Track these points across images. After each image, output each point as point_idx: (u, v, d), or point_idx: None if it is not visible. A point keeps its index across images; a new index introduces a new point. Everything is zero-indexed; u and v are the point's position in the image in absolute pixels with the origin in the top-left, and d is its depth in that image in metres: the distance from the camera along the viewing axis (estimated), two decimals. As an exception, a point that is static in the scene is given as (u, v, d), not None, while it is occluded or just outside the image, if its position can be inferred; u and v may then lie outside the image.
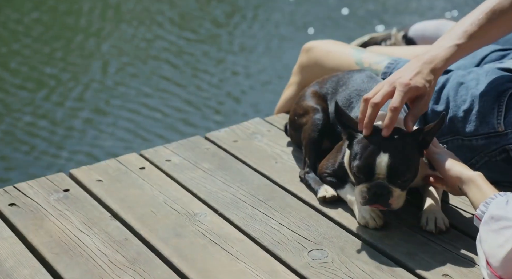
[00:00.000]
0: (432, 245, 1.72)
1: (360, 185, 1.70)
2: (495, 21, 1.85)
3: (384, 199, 1.68)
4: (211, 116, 4.23)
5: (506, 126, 1.90)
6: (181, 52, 5.05)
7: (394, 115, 1.69)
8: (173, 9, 5.75)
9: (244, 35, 5.33)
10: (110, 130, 4.05)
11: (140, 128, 4.07)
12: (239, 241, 1.76)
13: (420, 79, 1.73)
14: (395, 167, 1.66)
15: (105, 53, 5.00)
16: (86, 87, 4.53)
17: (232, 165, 2.10)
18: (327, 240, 1.75)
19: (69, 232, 1.78)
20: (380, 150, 1.67)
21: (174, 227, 1.80)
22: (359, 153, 1.69)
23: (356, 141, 1.71)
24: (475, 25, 1.84)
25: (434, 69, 1.77)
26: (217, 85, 4.61)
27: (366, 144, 1.69)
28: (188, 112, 4.27)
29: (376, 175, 1.67)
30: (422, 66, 1.76)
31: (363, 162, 1.68)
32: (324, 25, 5.41)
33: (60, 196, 1.94)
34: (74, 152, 3.80)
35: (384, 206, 1.70)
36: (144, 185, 1.99)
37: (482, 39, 1.86)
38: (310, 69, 2.38)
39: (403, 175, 1.68)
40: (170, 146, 2.22)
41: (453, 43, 1.81)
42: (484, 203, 1.61)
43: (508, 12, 1.87)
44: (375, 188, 1.68)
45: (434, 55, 1.79)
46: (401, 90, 1.71)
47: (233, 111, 4.29)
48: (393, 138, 1.69)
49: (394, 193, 1.68)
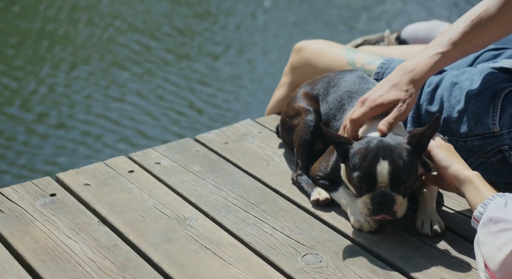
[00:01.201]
0: (428, 248, 1.69)
1: (363, 197, 1.66)
2: (479, 29, 1.82)
3: (388, 208, 1.65)
4: (198, 118, 4.19)
5: (501, 127, 1.87)
6: (169, 51, 5.01)
7: (352, 127, 1.74)
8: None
9: (227, 36, 5.29)
10: (97, 132, 4.00)
11: (127, 130, 4.02)
12: (231, 245, 1.71)
13: (395, 92, 1.74)
14: (397, 174, 1.63)
15: (88, 53, 4.94)
16: (71, 88, 4.48)
17: (223, 168, 2.06)
18: (321, 244, 1.72)
19: (56, 238, 1.73)
20: (379, 158, 1.63)
21: (165, 232, 1.76)
22: (358, 163, 1.65)
23: (353, 152, 1.67)
24: (459, 33, 1.81)
25: (413, 79, 1.76)
26: (203, 87, 4.57)
27: (364, 154, 1.65)
28: (175, 114, 4.23)
29: (379, 184, 1.64)
30: (401, 76, 1.76)
31: (363, 172, 1.64)
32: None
33: (47, 201, 1.89)
34: (60, 155, 3.75)
35: (389, 215, 1.66)
36: (133, 189, 1.95)
37: (466, 47, 1.83)
38: (302, 69, 2.34)
39: (405, 182, 1.65)
40: (160, 148, 2.17)
41: (437, 51, 1.79)
42: (482, 204, 1.58)
43: (493, 21, 1.84)
44: (379, 197, 1.64)
45: (416, 63, 1.78)
46: (368, 105, 1.74)
47: (221, 113, 4.26)
48: (390, 145, 1.66)
49: (397, 200, 1.65)
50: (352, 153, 1.67)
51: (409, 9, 5.64)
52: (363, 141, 1.68)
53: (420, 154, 1.69)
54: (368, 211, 1.66)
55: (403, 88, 1.75)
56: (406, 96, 1.74)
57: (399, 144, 1.66)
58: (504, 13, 1.83)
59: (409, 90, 1.75)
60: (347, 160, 1.69)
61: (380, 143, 1.66)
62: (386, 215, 1.67)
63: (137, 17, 5.51)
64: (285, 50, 4.77)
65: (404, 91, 1.74)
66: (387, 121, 1.73)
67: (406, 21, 5.05)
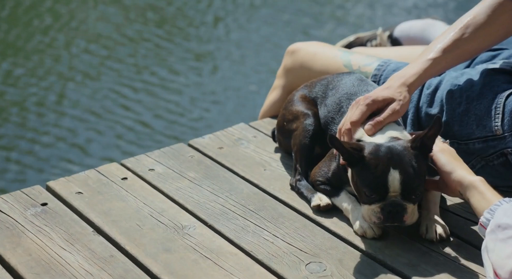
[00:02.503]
0: (433, 255, 1.65)
1: (372, 205, 1.62)
2: (469, 36, 1.84)
3: (399, 217, 1.61)
4: (189, 123, 4.13)
5: (504, 129, 1.84)
6: (158, 54, 4.94)
7: (352, 129, 1.74)
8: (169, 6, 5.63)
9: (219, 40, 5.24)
10: (88, 139, 3.91)
11: (118, 137, 3.95)
12: (232, 255, 1.66)
13: (388, 92, 1.76)
14: (408, 183, 1.60)
15: (83, 58, 4.86)
16: (61, 95, 4.39)
17: (219, 174, 2.01)
18: (324, 252, 1.67)
19: (50, 249, 1.67)
20: (390, 167, 1.59)
21: (162, 241, 1.70)
22: (368, 173, 1.61)
23: (362, 161, 1.62)
24: (449, 40, 1.84)
25: (404, 83, 1.78)
26: (193, 92, 4.52)
27: (374, 164, 1.61)
28: (165, 120, 4.16)
29: (390, 193, 1.60)
30: (392, 81, 1.79)
31: (374, 182, 1.60)
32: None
33: (38, 210, 1.82)
34: (50, 162, 3.65)
35: (399, 223, 1.63)
36: (127, 197, 1.88)
37: (456, 53, 1.85)
38: (296, 72, 2.30)
39: (416, 190, 1.61)
40: (153, 154, 2.11)
41: (427, 58, 1.82)
42: (489, 210, 1.54)
43: (483, 28, 1.85)
44: (390, 207, 1.60)
45: (407, 71, 1.81)
46: (362, 104, 1.75)
47: (213, 117, 4.20)
48: (398, 153, 1.62)
49: (408, 209, 1.61)
50: (362, 162, 1.62)
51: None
52: (371, 150, 1.63)
53: (426, 156, 1.66)
54: (378, 220, 1.62)
55: (396, 90, 1.77)
56: (400, 97, 1.76)
57: (406, 150, 1.62)
58: (493, 22, 1.85)
59: (402, 92, 1.77)
60: (355, 166, 1.64)
61: (389, 151, 1.61)
62: (397, 223, 1.63)
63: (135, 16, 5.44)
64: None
65: (398, 93, 1.76)
66: (376, 121, 1.73)
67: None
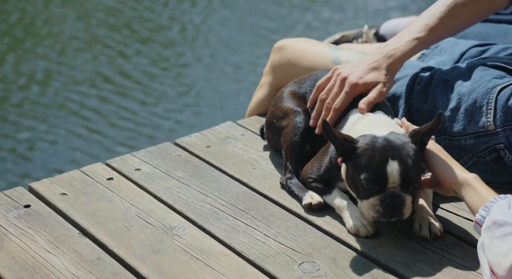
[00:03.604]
0: (428, 253, 1.62)
1: (371, 199, 1.58)
2: (455, 14, 1.87)
3: (398, 210, 1.58)
4: (173, 121, 4.08)
5: (496, 125, 1.82)
6: (138, 54, 4.89)
7: (335, 115, 1.80)
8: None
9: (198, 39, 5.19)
10: (69, 138, 3.84)
11: (102, 136, 3.88)
12: (223, 255, 1.62)
13: (374, 75, 1.81)
14: (407, 174, 1.57)
15: (66, 55, 4.79)
16: (41, 93, 4.31)
17: (208, 173, 1.96)
18: (317, 251, 1.63)
19: (34, 252, 1.62)
20: (388, 158, 1.56)
21: (151, 242, 1.66)
22: (366, 164, 1.57)
23: (358, 152, 1.59)
24: (435, 18, 1.87)
25: (392, 64, 1.83)
26: (177, 91, 4.47)
27: (371, 154, 1.57)
28: (148, 118, 4.11)
29: (389, 184, 1.57)
30: (380, 60, 1.83)
31: (373, 173, 1.56)
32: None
33: (21, 212, 1.77)
34: (31, 163, 3.58)
35: (399, 217, 1.59)
36: (113, 198, 1.83)
37: (442, 31, 1.89)
38: (283, 68, 2.26)
39: (414, 181, 1.59)
40: (138, 154, 2.06)
41: (414, 37, 1.85)
42: (484, 207, 1.52)
43: (469, 5, 1.88)
44: (390, 198, 1.57)
45: (395, 48, 1.83)
46: (347, 91, 1.79)
47: (198, 115, 4.16)
48: (396, 144, 1.59)
49: (407, 201, 1.58)
50: (358, 153, 1.59)
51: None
52: (367, 140, 1.60)
53: (422, 151, 1.63)
54: (377, 214, 1.59)
55: (382, 72, 1.81)
56: (386, 79, 1.80)
57: (404, 143, 1.60)
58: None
59: (387, 75, 1.81)
60: (350, 160, 1.61)
61: (386, 142, 1.59)
62: (396, 217, 1.60)
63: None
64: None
65: (384, 75, 1.81)
66: (368, 100, 1.77)
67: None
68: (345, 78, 1.81)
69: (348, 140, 1.60)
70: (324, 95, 1.84)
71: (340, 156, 1.62)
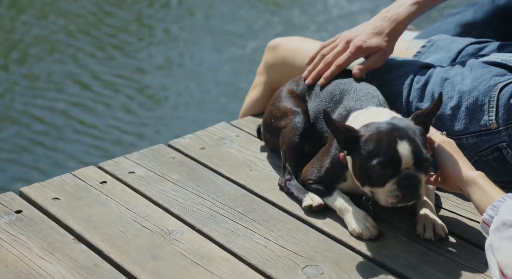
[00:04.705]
0: (433, 254, 1.59)
1: (387, 185, 1.55)
2: None
3: (416, 191, 1.56)
4: (164, 123, 4.02)
5: (499, 123, 1.79)
6: (127, 54, 4.82)
7: (336, 70, 1.86)
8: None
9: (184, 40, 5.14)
10: (61, 142, 3.76)
11: (93, 138, 3.81)
12: (224, 260, 1.57)
13: (377, 40, 1.87)
14: (419, 152, 1.55)
15: (58, 57, 4.71)
16: (32, 96, 4.23)
17: (204, 175, 1.92)
18: (320, 255, 1.59)
19: (28, 259, 1.56)
20: (396, 138, 1.54)
21: (149, 247, 1.60)
22: (374, 149, 1.54)
23: (363, 140, 1.56)
24: None
25: (394, 29, 1.88)
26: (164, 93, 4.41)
27: (378, 138, 1.55)
28: (138, 120, 4.05)
29: (403, 165, 1.54)
30: (384, 25, 1.89)
31: (384, 156, 1.53)
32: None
33: (12, 218, 1.71)
34: (22, 168, 3.49)
35: (416, 199, 1.58)
36: (108, 202, 1.78)
37: None
38: (278, 68, 2.22)
39: (427, 159, 1.56)
40: (132, 156, 2.01)
41: (414, 1, 1.90)
42: (491, 206, 1.49)
43: None
44: (407, 180, 1.54)
45: (397, 13, 1.89)
46: (351, 51, 1.87)
47: (190, 118, 4.10)
48: (401, 126, 1.57)
49: (422, 181, 1.56)
50: (364, 141, 1.56)
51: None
52: (370, 127, 1.58)
53: (426, 133, 1.62)
54: (396, 199, 1.56)
55: (385, 38, 1.88)
56: (387, 45, 1.87)
57: (408, 124, 1.59)
58: None
59: (389, 40, 1.88)
60: (356, 151, 1.57)
61: (391, 126, 1.57)
62: (414, 199, 1.58)
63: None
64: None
65: (385, 41, 1.87)
66: (365, 66, 1.86)
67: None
68: (349, 40, 1.88)
69: (350, 130, 1.57)
70: (326, 51, 1.91)
71: (344, 149, 1.59)
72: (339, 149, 1.68)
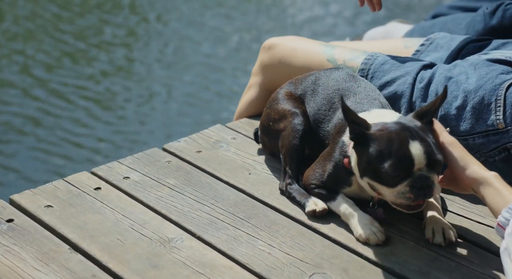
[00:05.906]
0: (444, 260, 1.54)
1: (398, 187, 1.49)
2: None
3: (429, 192, 1.51)
4: (155, 126, 3.94)
5: (507, 123, 1.74)
6: (121, 58, 4.75)
7: None
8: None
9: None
10: (51, 148, 3.66)
11: (84, 143, 3.72)
12: (227, 268, 1.51)
13: None
14: (432, 152, 1.49)
15: (43, 62, 4.62)
16: (21, 99, 4.14)
17: (201, 180, 1.85)
18: (326, 262, 1.53)
19: (22, 271, 1.48)
20: (408, 138, 1.48)
21: (148, 256, 1.54)
22: (386, 149, 1.48)
23: (372, 139, 1.50)
24: None
25: None
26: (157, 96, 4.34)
27: (389, 138, 1.49)
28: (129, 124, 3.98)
29: (416, 166, 1.48)
30: None
31: (396, 158, 1.47)
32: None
33: (3, 228, 1.63)
34: (11, 173, 3.39)
35: (429, 198, 1.53)
36: (103, 209, 1.71)
37: None
38: (274, 68, 2.16)
39: (440, 159, 1.51)
40: (125, 161, 1.94)
41: None
42: (507, 209, 1.43)
43: None
44: (420, 182, 1.49)
45: None
46: None
47: (181, 122, 4.03)
48: (410, 125, 1.52)
49: (435, 181, 1.51)
50: (373, 140, 1.50)
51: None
52: (379, 127, 1.52)
53: (431, 129, 1.58)
54: (408, 200, 1.50)
55: None
56: None
57: (416, 124, 1.54)
58: None
59: None
60: (365, 147, 1.51)
61: (400, 125, 1.52)
62: (426, 198, 1.53)
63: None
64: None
65: None
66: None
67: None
68: None
69: (362, 124, 1.52)
70: None
71: (352, 140, 1.54)
72: (343, 154, 1.62)
